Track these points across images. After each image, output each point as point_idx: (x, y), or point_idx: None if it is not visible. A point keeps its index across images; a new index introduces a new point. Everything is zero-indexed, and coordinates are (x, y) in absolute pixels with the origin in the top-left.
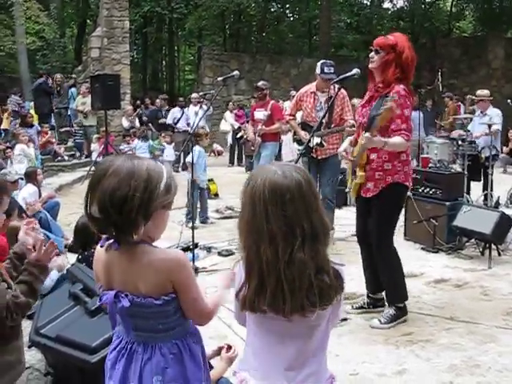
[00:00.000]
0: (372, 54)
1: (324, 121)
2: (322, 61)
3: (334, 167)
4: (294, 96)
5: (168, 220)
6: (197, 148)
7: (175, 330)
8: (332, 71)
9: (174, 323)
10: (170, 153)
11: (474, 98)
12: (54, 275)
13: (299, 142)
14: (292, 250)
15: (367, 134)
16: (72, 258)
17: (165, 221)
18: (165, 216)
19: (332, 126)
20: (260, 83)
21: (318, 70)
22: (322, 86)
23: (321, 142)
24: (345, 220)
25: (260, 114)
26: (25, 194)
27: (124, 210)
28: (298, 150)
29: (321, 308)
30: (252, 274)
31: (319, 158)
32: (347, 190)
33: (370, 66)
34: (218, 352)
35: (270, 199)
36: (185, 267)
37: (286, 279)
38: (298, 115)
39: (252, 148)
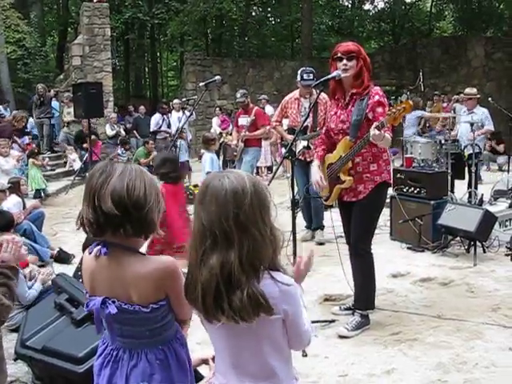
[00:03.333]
0: (344, 61)
1: (309, 125)
2: (302, 68)
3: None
4: (263, 101)
5: None
6: (208, 155)
7: (162, 335)
8: (311, 77)
9: (160, 329)
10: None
11: (458, 97)
12: (37, 287)
13: (287, 145)
14: (204, 252)
15: (375, 131)
16: (57, 268)
17: None
18: None
19: (317, 129)
20: (238, 96)
21: (298, 78)
22: (304, 93)
23: (308, 145)
24: (331, 222)
25: (244, 121)
26: (9, 205)
27: (144, 209)
28: (285, 153)
29: (231, 320)
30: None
31: (308, 160)
32: (323, 199)
33: (346, 74)
34: (203, 361)
35: (198, 195)
36: (177, 275)
37: (200, 276)
38: (284, 122)
39: (235, 153)
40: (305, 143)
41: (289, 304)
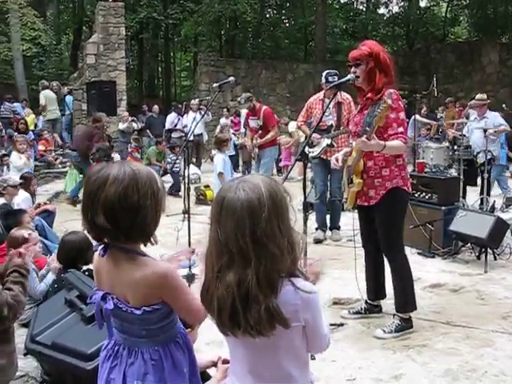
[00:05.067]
0: (353, 69)
1: (334, 123)
2: (326, 71)
3: (342, 168)
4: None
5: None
6: (220, 156)
7: (159, 336)
8: (336, 79)
9: (157, 330)
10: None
11: (471, 103)
12: (49, 279)
13: (310, 145)
14: (220, 268)
15: (363, 138)
16: None
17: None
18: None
19: (341, 128)
20: (242, 102)
21: (323, 80)
22: (329, 94)
23: (331, 143)
24: (341, 225)
25: (254, 123)
26: (18, 201)
27: (137, 219)
28: (309, 152)
29: (247, 334)
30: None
31: (329, 159)
32: (344, 200)
33: (356, 82)
34: (213, 363)
35: (213, 207)
36: (173, 281)
37: (217, 290)
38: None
39: (252, 155)
40: (328, 141)
41: (310, 312)
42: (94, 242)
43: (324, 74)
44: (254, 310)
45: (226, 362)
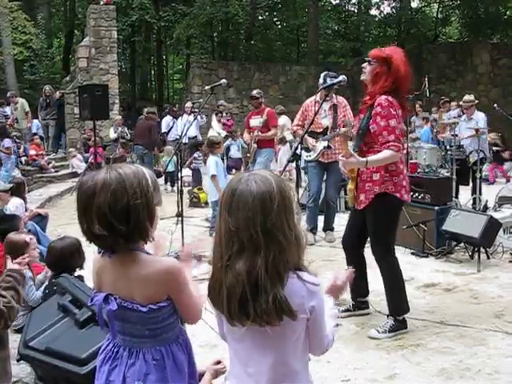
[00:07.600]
0: (365, 64)
1: (330, 126)
2: (324, 72)
3: (338, 171)
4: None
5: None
6: (212, 158)
7: (161, 336)
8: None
9: (161, 330)
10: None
11: (461, 104)
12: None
13: (306, 149)
14: (230, 257)
15: (340, 157)
16: None
17: (158, 217)
18: (157, 213)
19: (337, 130)
20: (254, 92)
21: (321, 81)
22: (324, 96)
23: (328, 145)
24: (335, 227)
25: (256, 122)
26: (12, 207)
27: (131, 221)
28: (306, 156)
29: (256, 324)
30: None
31: (326, 161)
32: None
33: (362, 77)
34: (201, 374)
35: (225, 198)
36: (179, 276)
37: (225, 279)
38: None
39: (248, 154)
40: (325, 144)
41: (315, 304)
42: (96, 248)
43: (322, 75)
44: (262, 299)
45: (218, 363)
